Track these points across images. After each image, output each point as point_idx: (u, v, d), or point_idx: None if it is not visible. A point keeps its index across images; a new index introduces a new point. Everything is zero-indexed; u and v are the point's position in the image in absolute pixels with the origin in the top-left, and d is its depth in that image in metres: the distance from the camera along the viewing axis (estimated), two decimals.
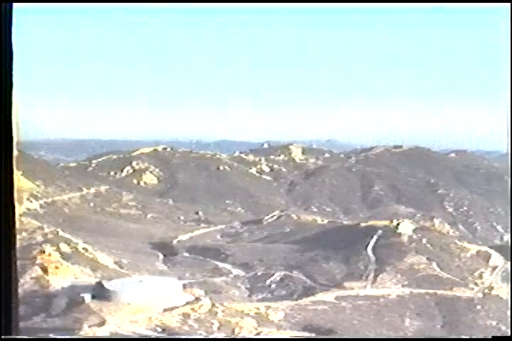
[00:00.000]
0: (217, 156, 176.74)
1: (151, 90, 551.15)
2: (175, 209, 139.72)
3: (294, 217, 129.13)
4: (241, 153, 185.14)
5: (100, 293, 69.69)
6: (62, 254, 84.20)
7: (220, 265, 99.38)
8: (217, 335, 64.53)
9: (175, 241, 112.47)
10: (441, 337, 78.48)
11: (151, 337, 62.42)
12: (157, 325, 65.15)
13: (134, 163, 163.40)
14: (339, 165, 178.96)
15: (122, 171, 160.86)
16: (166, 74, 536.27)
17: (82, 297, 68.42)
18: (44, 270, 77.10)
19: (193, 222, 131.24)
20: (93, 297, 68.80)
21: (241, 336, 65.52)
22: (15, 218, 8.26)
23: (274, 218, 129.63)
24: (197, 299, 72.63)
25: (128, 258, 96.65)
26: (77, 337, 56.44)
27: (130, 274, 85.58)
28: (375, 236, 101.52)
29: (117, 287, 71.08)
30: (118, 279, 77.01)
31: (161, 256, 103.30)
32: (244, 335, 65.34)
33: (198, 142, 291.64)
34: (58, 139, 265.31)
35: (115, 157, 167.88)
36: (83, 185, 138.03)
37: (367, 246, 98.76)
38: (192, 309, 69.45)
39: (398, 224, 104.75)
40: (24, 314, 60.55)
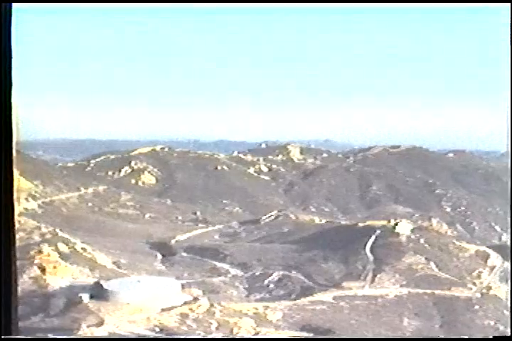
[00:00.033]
0: (215, 156, 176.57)
1: (151, 90, 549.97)
2: (173, 209, 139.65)
3: (292, 217, 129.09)
4: (239, 153, 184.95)
5: (98, 293, 69.74)
6: (60, 254, 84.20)
7: (218, 265, 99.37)
8: (215, 335, 64.57)
9: (173, 241, 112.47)
10: (440, 337, 78.54)
11: (150, 337, 62.45)
12: (155, 325, 65.19)
13: (132, 163, 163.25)
14: (337, 165, 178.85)
15: (120, 171, 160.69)
16: (166, 74, 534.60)
17: (81, 297, 68.47)
18: (42, 270, 77.12)
19: (191, 222, 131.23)
20: (91, 297, 68.84)
21: (239, 336, 65.58)
22: (14, 218, 8.26)
23: (272, 218, 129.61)
24: (195, 299, 72.67)
25: (126, 258, 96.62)
26: (76, 337, 56.44)
27: (128, 274, 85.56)
28: (373, 236, 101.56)
29: (115, 287, 71.12)
30: (116, 279, 77.05)
31: (159, 256, 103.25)
32: (242, 335, 65.41)
33: (197, 142, 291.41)
34: (58, 139, 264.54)
35: (113, 157, 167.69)
36: (81, 185, 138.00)
37: (365, 246, 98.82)
38: (190, 309, 69.49)
39: (396, 224, 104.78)
40: (22, 314, 60.52)
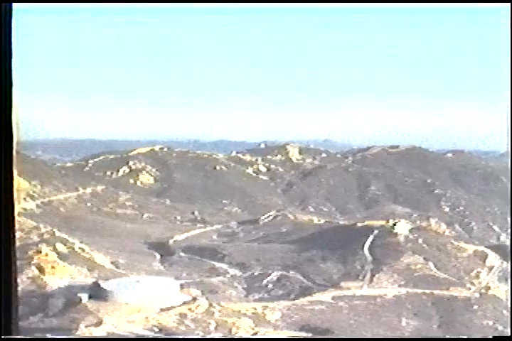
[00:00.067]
0: (214, 156, 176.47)
1: (151, 90, 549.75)
2: (171, 209, 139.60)
3: (291, 217, 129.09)
4: (238, 153, 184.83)
5: (97, 293, 69.69)
6: (58, 254, 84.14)
7: (217, 265, 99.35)
8: (214, 335, 64.57)
9: (171, 241, 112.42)
10: (440, 337, 78.55)
11: (148, 337, 62.44)
12: (154, 325, 65.18)
13: (131, 163, 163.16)
14: (336, 165, 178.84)
15: (119, 171, 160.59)
16: (166, 74, 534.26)
17: (79, 297, 68.44)
18: (41, 270, 77.06)
19: (190, 222, 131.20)
20: (90, 297, 68.79)
21: (238, 336, 65.61)
22: (14, 218, 8.25)
23: (271, 218, 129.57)
24: (194, 299, 72.66)
25: (125, 258, 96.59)
26: (76, 337, 56.43)
27: (127, 274, 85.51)
28: (372, 236, 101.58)
29: (114, 287, 71.07)
30: (115, 279, 76.99)
31: (158, 256, 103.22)
32: (241, 335, 65.40)
33: (196, 142, 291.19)
34: (58, 139, 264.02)
35: (112, 157, 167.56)
36: (80, 185, 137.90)
37: (363, 246, 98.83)
38: (189, 309, 69.48)
39: (395, 224, 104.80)
40: (21, 314, 60.41)
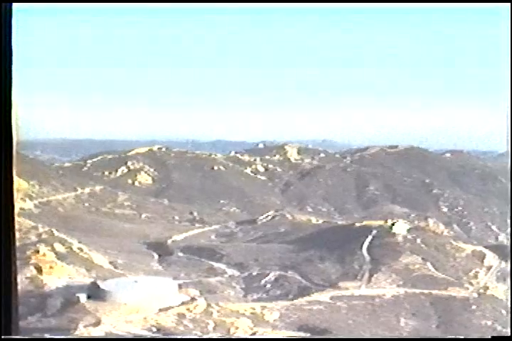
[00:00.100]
0: (212, 156, 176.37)
1: (150, 90, 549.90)
2: (170, 209, 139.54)
3: (289, 217, 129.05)
4: (236, 153, 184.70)
5: (95, 293, 69.64)
6: (56, 254, 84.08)
7: (215, 265, 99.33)
8: (212, 335, 64.57)
9: (170, 241, 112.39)
10: (440, 337, 78.57)
11: (147, 337, 62.43)
12: (152, 325, 65.15)
13: (129, 163, 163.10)
14: (334, 165, 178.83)
15: (117, 171, 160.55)
16: (165, 74, 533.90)
17: (77, 297, 68.38)
18: (39, 270, 76.99)
19: (188, 222, 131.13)
20: (88, 297, 68.75)
21: (236, 336, 65.64)
22: (14, 218, 8.25)
23: (269, 218, 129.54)
24: (192, 299, 72.63)
25: (123, 258, 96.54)
26: (75, 337, 56.39)
27: (125, 274, 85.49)
28: (370, 236, 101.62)
29: (112, 287, 71.03)
30: (113, 279, 76.93)
31: (156, 256, 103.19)
32: (239, 335, 65.41)
33: (195, 142, 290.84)
34: (57, 139, 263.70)
35: (110, 157, 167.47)
36: (78, 185, 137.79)
37: (362, 246, 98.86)
38: (187, 309, 69.46)
39: (393, 224, 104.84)
40: (19, 314, 60.30)
